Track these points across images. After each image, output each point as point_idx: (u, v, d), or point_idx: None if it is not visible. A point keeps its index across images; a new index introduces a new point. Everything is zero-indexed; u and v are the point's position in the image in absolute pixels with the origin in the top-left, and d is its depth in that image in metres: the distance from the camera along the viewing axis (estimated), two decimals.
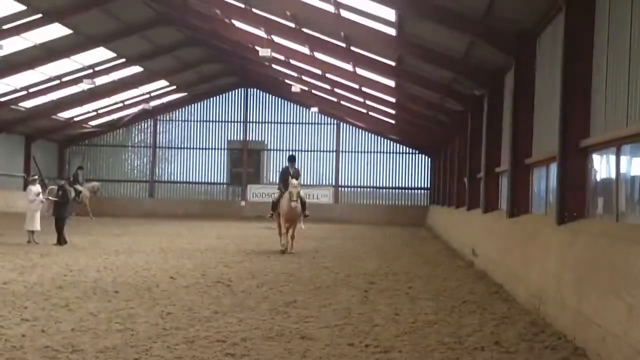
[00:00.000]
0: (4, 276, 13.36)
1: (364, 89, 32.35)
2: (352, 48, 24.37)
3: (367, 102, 35.37)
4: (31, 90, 34.48)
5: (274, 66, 35.59)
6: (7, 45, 26.79)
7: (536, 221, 13.45)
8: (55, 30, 28.14)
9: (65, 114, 40.44)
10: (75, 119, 42.09)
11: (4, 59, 29.15)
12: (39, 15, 26.20)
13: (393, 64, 24.41)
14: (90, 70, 33.87)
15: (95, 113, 42.32)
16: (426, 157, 44.92)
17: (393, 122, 38.89)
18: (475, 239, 18.91)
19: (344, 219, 42.37)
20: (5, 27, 26.13)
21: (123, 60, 33.97)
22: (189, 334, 8.67)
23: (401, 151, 45.48)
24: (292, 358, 7.62)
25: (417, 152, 45.14)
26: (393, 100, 31.92)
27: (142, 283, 12.99)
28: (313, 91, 38.96)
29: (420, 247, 23.78)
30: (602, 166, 10.97)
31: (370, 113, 38.77)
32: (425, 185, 45.05)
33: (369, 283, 13.93)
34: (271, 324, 9.45)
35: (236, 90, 46.20)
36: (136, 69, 36.02)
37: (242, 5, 24.64)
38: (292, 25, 24.51)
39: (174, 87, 41.79)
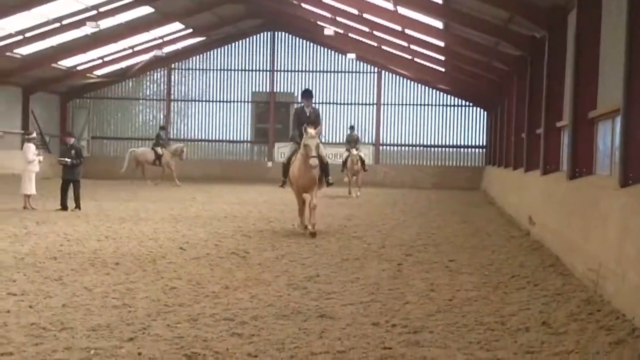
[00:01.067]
0: None
1: (407, 31, 32.11)
2: None
3: (412, 46, 35.12)
4: (27, 34, 34.80)
5: (303, 5, 35.47)
6: None
7: (598, 184, 13.36)
8: None
9: (66, 62, 40.80)
10: (78, 68, 42.45)
11: None
12: None
13: (439, 1, 24.19)
14: (94, 12, 34.07)
15: (100, 61, 42.63)
16: (481, 110, 44.59)
17: (442, 69, 38.60)
18: (532, 204, 18.85)
19: (385, 182, 42.40)
20: None
21: None
22: (194, 311, 8.83)
23: (452, 104, 45.20)
24: (307, 339, 7.74)
25: (470, 104, 44.82)
26: (441, 44, 31.66)
27: (146, 254, 13.21)
28: (349, 34, 38.79)
29: (470, 215, 23.75)
30: None
31: (416, 59, 38.52)
32: (481, 143, 44.81)
33: (405, 255, 14.01)
34: (287, 300, 9.59)
35: (261, 35, 46.14)
36: (146, 10, 36.11)
37: None
38: None
39: (190, 30, 41.84)
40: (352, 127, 35.08)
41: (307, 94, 17.63)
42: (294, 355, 7.13)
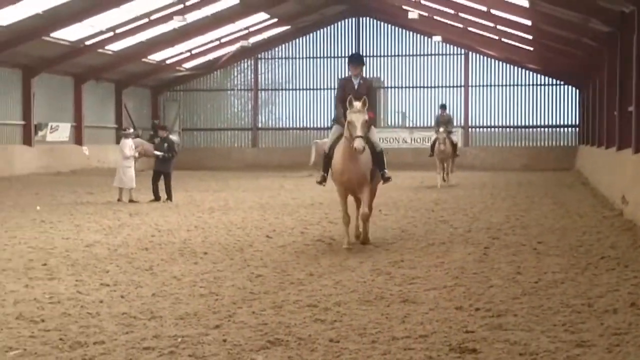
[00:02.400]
0: (88, 238, 14.14)
1: (493, 11, 31.72)
2: None
3: (499, 27, 34.66)
4: (118, 31, 35.70)
5: None
6: None
7: None
8: None
9: (156, 56, 41.71)
10: (168, 62, 43.34)
11: None
12: None
13: None
14: (181, 6, 34.71)
15: (188, 54, 43.42)
16: (573, 88, 43.68)
17: (531, 49, 37.95)
18: (625, 183, 18.46)
19: (474, 165, 42.00)
20: None
21: None
22: (278, 299, 8.98)
23: (542, 83, 44.47)
24: (389, 324, 7.79)
25: (562, 82, 43.97)
26: (528, 23, 31.15)
27: (234, 243, 13.46)
28: (434, 17, 38.51)
29: (561, 196, 23.38)
30: None
31: (503, 39, 37.99)
32: (573, 122, 43.94)
33: (492, 238, 13.92)
34: (371, 286, 9.66)
35: (346, 21, 46.21)
36: (231, 2, 36.62)
37: None
38: None
39: (275, 20, 42.21)
40: (443, 106, 29.91)
41: (355, 59, 13.33)
42: (376, 340, 7.19)
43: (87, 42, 35.74)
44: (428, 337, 7.29)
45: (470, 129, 45.30)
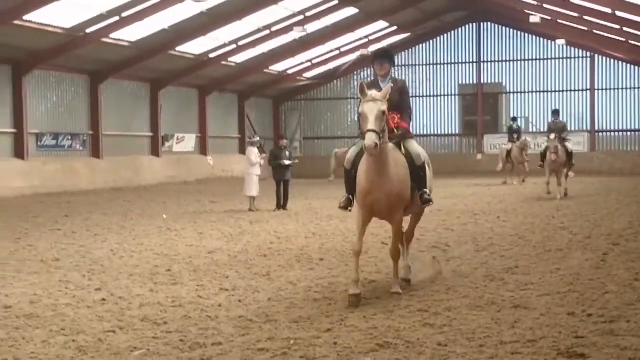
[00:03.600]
0: (210, 245, 14.71)
1: (618, 13, 31.02)
2: None
3: (625, 29, 33.85)
4: (240, 43, 36.66)
5: None
6: None
7: None
8: None
9: (277, 67, 42.59)
10: (289, 72, 44.15)
11: (210, 12, 31.26)
12: None
13: None
14: (301, 17, 35.38)
15: (309, 64, 44.14)
16: None
17: None
18: None
19: (601, 170, 40.99)
20: None
21: (336, 2, 35.08)
22: (389, 304, 9.19)
23: None
24: (499, 328, 7.88)
25: None
26: None
27: (350, 250, 13.69)
28: (558, 20, 37.89)
29: None
30: None
31: (630, 41, 37.05)
32: None
33: (612, 244, 13.70)
34: (483, 292, 9.74)
35: (466, 26, 46.00)
36: (351, 11, 37.05)
37: None
38: None
39: (395, 27, 42.43)
40: (556, 112, 26.65)
41: (381, 55, 10.38)
42: (484, 345, 7.30)
43: (211, 55, 36.85)
44: (537, 342, 7.35)
45: (597, 134, 44.25)
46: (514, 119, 34.99)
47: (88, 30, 29.38)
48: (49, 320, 8.60)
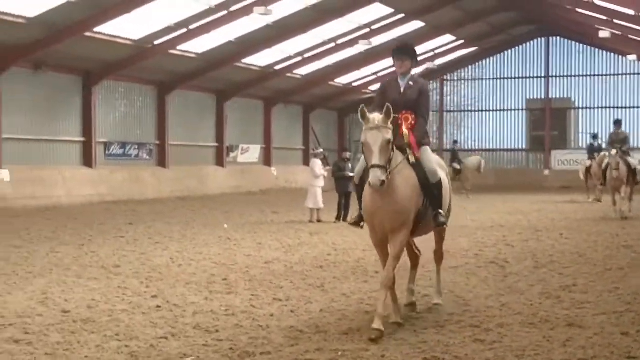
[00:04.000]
0: (268, 255, 14.83)
1: None
2: None
3: None
4: (306, 55, 36.93)
5: (578, 10, 34.63)
6: (278, 9, 29.04)
7: None
8: None
9: (342, 80, 42.76)
10: (354, 84, 44.26)
11: (276, 24, 31.59)
12: None
13: None
14: (367, 30, 35.50)
15: (374, 76, 44.17)
16: None
17: None
18: None
19: None
20: None
21: (402, 15, 35.13)
22: (441, 318, 9.16)
23: None
24: (550, 346, 7.80)
25: None
26: None
27: (405, 264, 13.67)
28: (629, 36, 37.30)
29: None
30: None
31: None
32: None
33: None
34: (537, 309, 9.63)
35: (535, 41, 45.64)
36: (417, 24, 37.07)
37: None
38: None
39: (462, 41, 42.29)
40: (618, 122, 25.00)
41: (399, 50, 9.32)
42: None
43: (277, 67, 37.19)
44: None
45: None
46: (595, 136, 34.35)
47: (156, 42, 29.97)
48: (104, 325, 8.78)
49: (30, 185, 27.81)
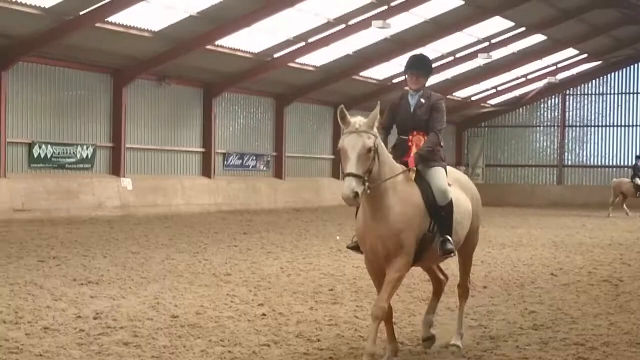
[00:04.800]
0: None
1: None
2: None
3: None
4: None
5: None
6: (396, 22, 29.14)
7: None
8: (445, 3, 29.79)
9: (461, 93, 42.45)
10: (473, 98, 43.89)
11: (394, 38, 31.69)
12: None
13: None
14: (486, 43, 35.19)
15: (494, 90, 43.70)
16: None
17: None
18: None
19: None
20: (393, 4, 28.41)
21: (522, 29, 34.69)
22: (546, 335, 9.02)
23: None
24: None
25: None
26: None
27: (516, 279, 13.53)
28: None
29: None
30: None
31: None
32: None
33: None
34: None
35: None
36: (538, 38, 36.51)
37: None
38: None
39: (585, 55, 41.35)
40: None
41: (416, 67, 8.51)
42: None
43: (394, 80, 37.23)
44: None
45: None
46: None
47: (275, 55, 30.52)
48: (210, 331, 9.02)
49: (152, 194, 28.77)
